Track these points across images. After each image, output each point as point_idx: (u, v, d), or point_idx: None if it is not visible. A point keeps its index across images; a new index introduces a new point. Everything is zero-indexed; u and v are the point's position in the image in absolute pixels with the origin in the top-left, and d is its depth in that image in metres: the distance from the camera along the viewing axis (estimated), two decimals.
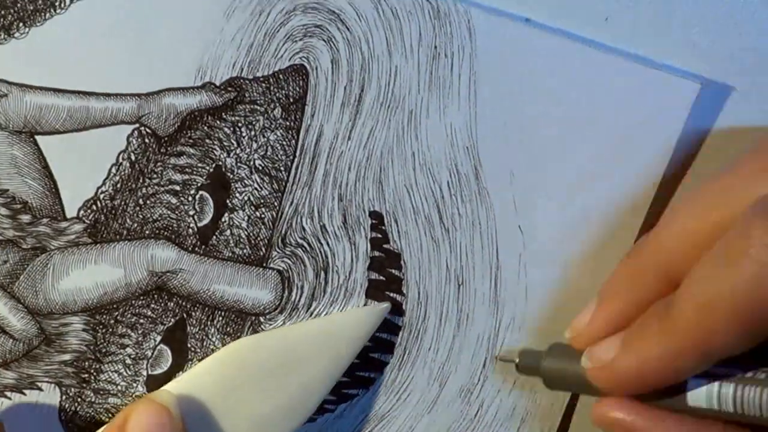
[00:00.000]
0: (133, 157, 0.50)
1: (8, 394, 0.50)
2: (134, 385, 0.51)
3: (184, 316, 0.51)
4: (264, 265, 0.51)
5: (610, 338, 0.46)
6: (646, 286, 0.46)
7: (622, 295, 0.47)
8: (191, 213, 0.51)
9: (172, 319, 0.51)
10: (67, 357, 0.51)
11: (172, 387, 0.50)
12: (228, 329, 0.51)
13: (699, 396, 0.44)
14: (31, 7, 0.48)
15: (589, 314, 0.48)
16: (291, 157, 0.51)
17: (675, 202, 0.52)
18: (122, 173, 0.50)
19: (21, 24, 0.48)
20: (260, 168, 0.51)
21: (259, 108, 0.51)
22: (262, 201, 0.51)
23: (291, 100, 0.51)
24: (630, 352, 0.44)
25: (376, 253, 0.52)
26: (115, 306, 0.51)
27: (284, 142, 0.51)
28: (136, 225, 0.50)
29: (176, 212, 0.51)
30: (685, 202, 0.46)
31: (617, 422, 0.46)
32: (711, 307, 0.41)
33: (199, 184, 0.51)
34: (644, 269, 0.46)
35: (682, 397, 0.44)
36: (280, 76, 0.51)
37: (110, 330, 0.51)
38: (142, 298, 0.51)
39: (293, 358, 0.51)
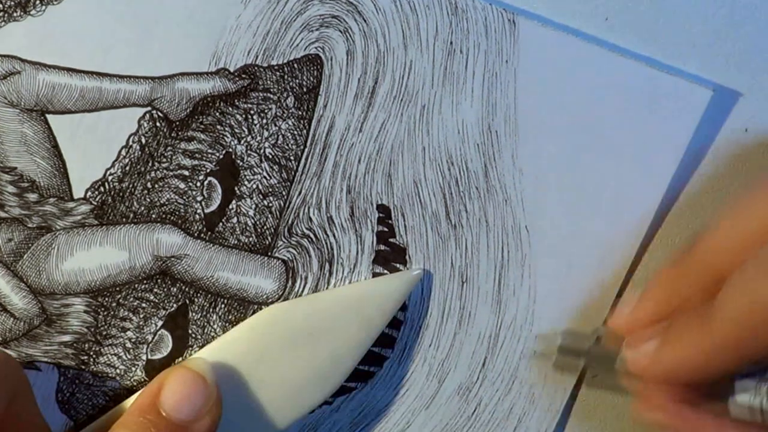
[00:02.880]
0: (143, 140, 0.52)
1: None
2: (133, 369, 0.53)
3: (187, 302, 0.53)
4: (269, 254, 0.53)
5: (652, 330, 0.49)
6: (691, 283, 0.48)
7: (665, 293, 0.50)
8: (199, 199, 0.52)
9: (175, 305, 0.53)
10: (67, 338, 0.52)
11: (206, 353, 0.52)
12: (230, 317, 0.53)
13: (742, 405, 0.47)
14: None
15: (628, 308, 0.51)
16: (301, 147, 0.53)
17: (721, 204, 0.55)
18: (132, 156, 0.52)
19: (38, 1, 0.50)
20: (270, 156, 0.53)
21: (272, 96, 0.52)
22: (270, 190, 0.53)
23: (304, 89, 0.53)
24: (672, 344, 0.47)
25: (382, 247, 0.54)
26: (117, 289, 0.52)
27: (295, 132, 0.53)
28: (143, 208, 0.52)
29: (184, 197, 0.52)
30: (740, 204, 0.48)
31: (656, 420, 0.49)
32: (751, 311, 0.44)
33: (208, 170, 0.52)
34: (692, 266, 0.49)
35: (724, 404, 0.48)
36: (295, 65, 0.52)
37: (112, 313, 0.52)
38: (145, 282, 0.53)
39: (325, 324, 0.52)
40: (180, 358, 0.53)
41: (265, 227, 0.53)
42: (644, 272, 0.54)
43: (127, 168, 0.52)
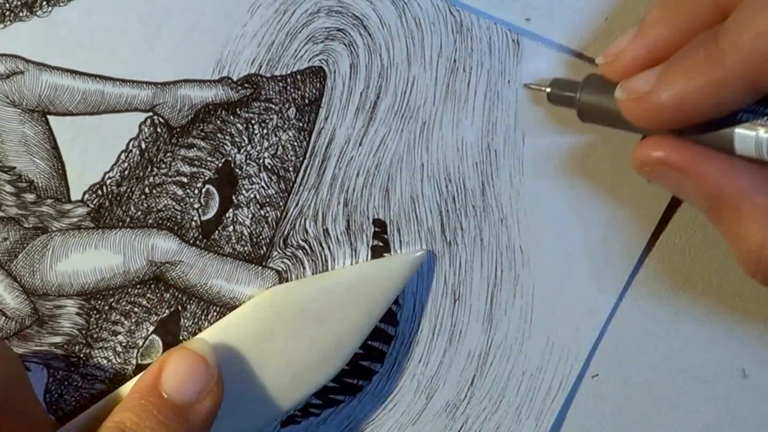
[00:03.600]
0: (143, 145, 0.52)
1: None
2: (122, 373, 0.53)
3: (179, 308, 0.53)
4: (263, 264, 0.54)
5: (648, 70, 0.45)
6: (693, 14, 0.45)
7: (666, 21, 0.45)
8: (196, 206, 0.53)
9: (167, 311, 0.53)
10: (57, 339, 0.53)
11: (207, 335, 0.52)
12: None
13: (747, 143, 0.44)
14: None
15: (625, 41, 0.47)
16: (301, 159, 0.53)
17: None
18: (131, 160, 0.52)
19: (44, 2, 0.50)
20: (269, 167, 0.53)
21: (273, 107, 0.53)
22: (267, 200, 0.53)
23: (306, 101, 0.53)
24: (670, 82, 0.43)
25: None
26: (110, 292, 0.53)
27: (295, 143, 0.53)
28: (139, 213, 0.53)
29: (181, 204, 0.53)
30: None
31: (660, 160, 0.45)
32: (765, 40, 0.40)
33: (206, 178, 0.53)
34: None
35: (729, 143, 0.44)
36: (298, 76, 0.53)
37: (104, 316, 0.53)
38: (138, 286, 0.53)
39: (327, 306, 0.52)
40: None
41: (260, 237, 0.54)
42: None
43: (126, 172, 0.52)
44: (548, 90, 0.51)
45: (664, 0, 0.46)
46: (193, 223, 0.53)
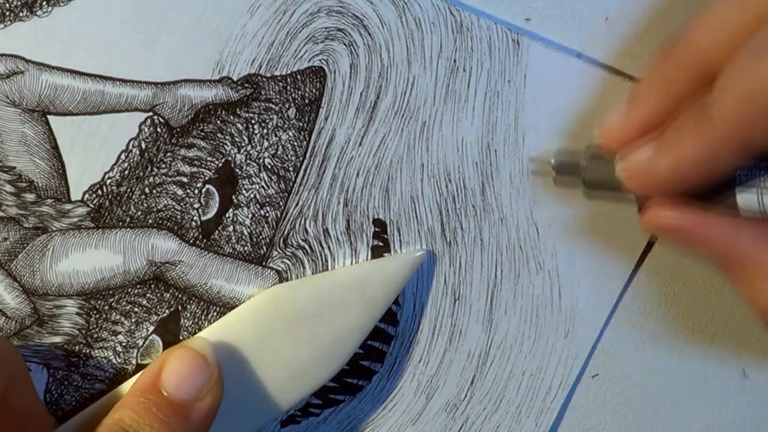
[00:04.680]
0: (143, 145, 0.52)
1: None
2: (123, 373, 0.54)
3: (179, 308, 0.54)
4: (263, 264, 0.54)
5: (644, 141, 0.47)
6: (680, 84, 0.46)
7: (655, 93, 0.47)
8: (196, 206, 0.53)
9: (167, 311, 0.54)
10: (57, 339, 0.53)
11: (207, 334, 0.52)
12: None
13: (749, 202, 0.45)
14: None
15: (618, 115, 0.48)
16: (301, 159, 0.54)
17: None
18: (131, 160, 0.53)
19: (44, 2, 0.51)
20: (269, 167, 0.54)
21: (273, 107, 0.53)
22: (267, 200, 0.54)
23: (306, 101, 0.54)
24: (665, 153, 0.45)
25: None
26: (110, 292, 0.53)
27: (295, 143, 0.54)
28: (139, 213, 0.53)
29: (181, 204, 0.53)
30: None
31: (665, 227, 0.47)
32: (752, 97, 0.41)
33: (206, 178, 0.53)
34: (678, 66, 0.46)
35: (732, 203, 0.46)
36: (298, 76, 0.53)
37: (104, 316, 0.53)
38: (138, 286, 0.53)
39: (328, 305, 0.53)
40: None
41: (260, 237, 0.54)
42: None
43: (126, 172, 0.52)
44: (553, 175, 0.53)
45: (651, 70, 0.48)
46: (193, 223, 0.53)
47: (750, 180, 0.46)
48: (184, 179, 0.53)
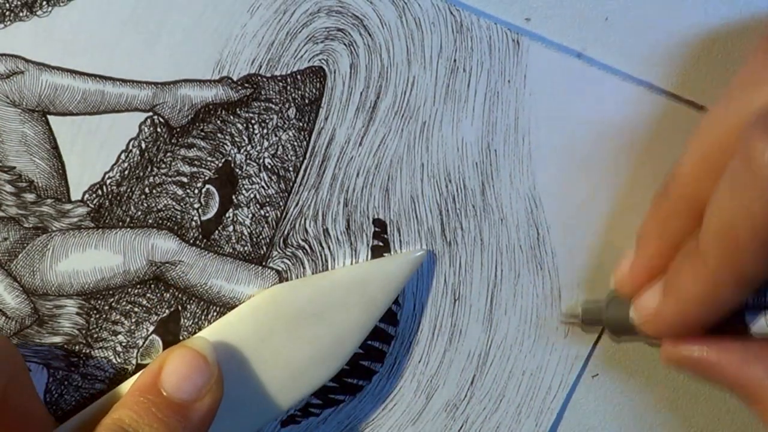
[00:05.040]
0: (143, 145, 0.53)
1: None
2: (122, 373, 0.54)
3: (179, 308, 0.54)
4: (263, 264, 0.54)
5: (652, 287, 0.48)
6: (677, 225, 0.47)
7: (656, 237, 0.49)
8: (196, 206, 0.53)
9: (167, 311, 0.54)
10: (57, 339, 0.53)
11: (207, 333, 0.53)
12: None
13: (760, 325, 0.47)
14: None
15: (627, 261, 0.50)
16: (301, 159, 0.54)
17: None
18: (131, 160, 0.53)
19: (44, 2, 0.51)
20: (269, 167, 0.54)
21: (273, 107, 0.53)
22: (267, 200, 0.54)
23: (306, 101, 0.54)
24: (670, 296, 0.47)
25: None
26: (110, 292, 0.53)
27: (295, 143, 0.54)
28: (139, 213, 0.53)
29: (181, 204, 0.53)
30: (696, 130, 0.46)
31: (681, 361, 0.48)
32: (732, 235, 0.42)
33: (206, 178, 0.53)
34: (672, 207, 0.48)
35: (744, 328, 0.47)
36: (298, 76, 0.53)
37: (104, 316, 0.53)
38: (138, 286, 0.54)
39: (328, 305, 0.53)
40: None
41: (260, 237, 0.54)
42: None
43: (126, 172, 0.53)
44: (582, 326, 0.55)
45: (649, 213, 0.49)
46: (193, 223, 0.53)
47: (757, 303, 0.47)
48: (184, 179, 0.53)
